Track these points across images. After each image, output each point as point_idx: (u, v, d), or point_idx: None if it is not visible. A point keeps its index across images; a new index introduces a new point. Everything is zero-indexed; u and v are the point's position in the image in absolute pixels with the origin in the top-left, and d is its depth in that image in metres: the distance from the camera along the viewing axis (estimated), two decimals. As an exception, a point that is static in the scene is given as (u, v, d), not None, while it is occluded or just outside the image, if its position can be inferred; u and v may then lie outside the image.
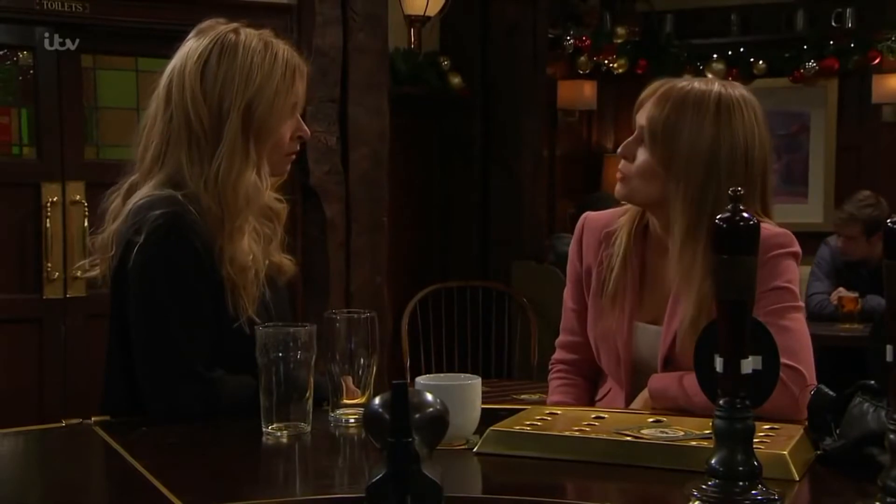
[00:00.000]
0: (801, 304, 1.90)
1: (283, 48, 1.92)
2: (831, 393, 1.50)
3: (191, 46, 1.90)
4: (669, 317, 1.92)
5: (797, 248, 1.91)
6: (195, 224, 1.81)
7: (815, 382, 1.77)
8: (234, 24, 1.93)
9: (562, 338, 2.14)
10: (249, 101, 1.86)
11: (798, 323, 1.86)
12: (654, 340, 1.94)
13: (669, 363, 1.92)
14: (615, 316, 1.97)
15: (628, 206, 2.02)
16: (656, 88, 1.93)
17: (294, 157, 2.00)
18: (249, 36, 1.90)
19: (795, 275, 1.90)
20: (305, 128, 1.98)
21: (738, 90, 1.92)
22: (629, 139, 1.95)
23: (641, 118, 1.92)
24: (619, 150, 1.97)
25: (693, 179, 1.86)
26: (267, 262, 1.92)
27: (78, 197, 4.07)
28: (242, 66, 1.86)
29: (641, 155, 1.92)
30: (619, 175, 1.96)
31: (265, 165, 1.92)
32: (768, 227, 1.83)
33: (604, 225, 2.04)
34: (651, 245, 1.99)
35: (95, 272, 1.90)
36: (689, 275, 1.86)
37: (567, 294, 2.11)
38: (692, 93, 1.89)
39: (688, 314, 1.86)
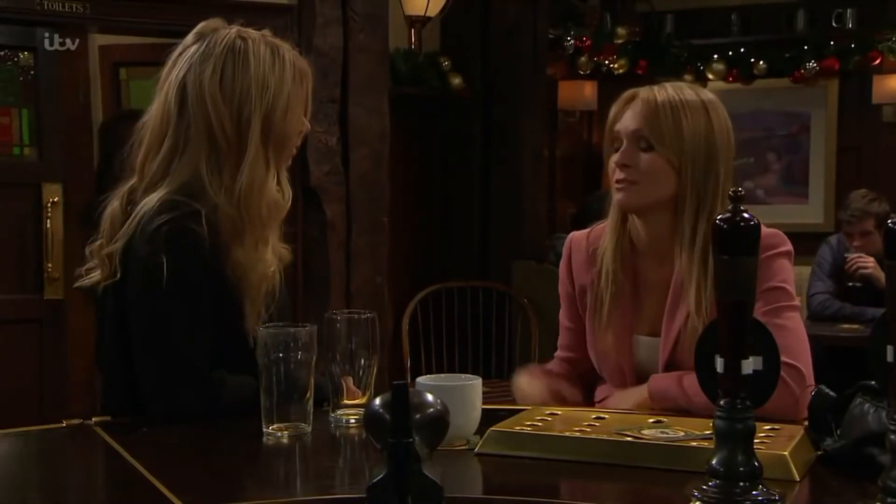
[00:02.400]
0: (797, 303, 1.91)
1: (288, 52, 1.93)
2: (832, 393, 1.50)
3: (199, 53, 1.88)
4: (667, 324, 1.93)
5: (789, 246, 1.92)
6: (202, 230, 1.79)
7: (814, 381, 1.77)
8: (234, 27, 1.93)
9: (559, 353, 2.15)
10: (267, 109, 1.87)
11: (794, 322, 1.87)
12: (654, 351, 1.95)
13: (670, 368, 1.92)
14: (613, 333, 1.98)
15: (606, 222, 2.02)
16: (632, 97, 1.97)
17: (295, 152, 2.00)
18: (256, 42, 1.90)
19: (789, 274, 1.91)
20: (308, 123, 1.98)
21: (704, 93, 1.97)
22: (623, 148, 1.95)
23: (630, 124, 1.94)
24: (615, 159, 1.95)
25: (698, 167, 1.89)
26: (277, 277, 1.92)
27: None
28: (256, 74, 1.87)
29: (646, 158, 1.92)
30: (622, 184, 1.94)
31: (284, 175, 1.93)
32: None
33: (589, 244, 2.06)
34: (640, 257, 2.00)
35: (94, 278, 1.89)
36: (692, 264, 1.88)
37: (563, 315, 2.13)
38: (672, 94, 1.93)
39: (689, 310, 1.87)
